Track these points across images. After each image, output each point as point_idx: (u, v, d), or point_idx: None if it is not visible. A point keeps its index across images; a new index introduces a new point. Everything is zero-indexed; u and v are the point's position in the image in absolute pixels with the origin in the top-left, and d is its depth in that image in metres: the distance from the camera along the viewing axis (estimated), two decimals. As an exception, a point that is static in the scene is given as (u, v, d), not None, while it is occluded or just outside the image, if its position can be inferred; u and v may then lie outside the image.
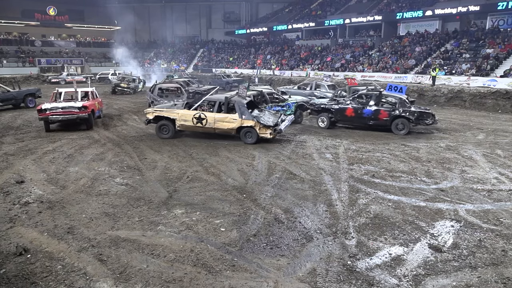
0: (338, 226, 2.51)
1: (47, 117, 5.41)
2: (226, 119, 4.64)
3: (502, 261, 2.08)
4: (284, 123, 4.84)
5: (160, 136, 5.07)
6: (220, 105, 4.76)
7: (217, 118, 4.67)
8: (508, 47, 10.70)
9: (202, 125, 4.74)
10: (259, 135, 4.57)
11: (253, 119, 4.54)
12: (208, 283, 1.89)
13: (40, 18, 20.05)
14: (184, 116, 4.87)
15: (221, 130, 4.73)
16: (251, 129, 4.59)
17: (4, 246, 2.26)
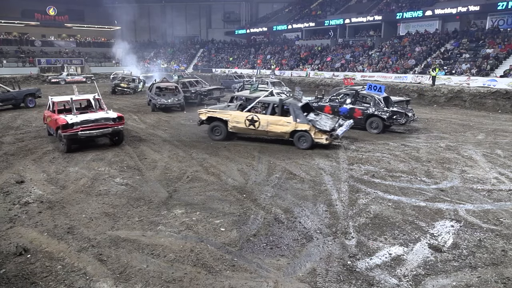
0: (338, 226, 2.51)
1: (75, 134, 4.16)
2: (280, 122, 4.43)
3: (502, 261, 2.09)
4: (342, 128, 4.51)
5: (212, 137, 4.87)
6: (274, 107, 4.56)
7: (270, 121, 4.46)
8: (508, 47, 10.68)
9: (254, 127, 4.55)
10: (314, 140, 4.32)
11: (308, 122, 4.32)
12: (208, 283, 1.89)
13: (40, 18, 20.02)
14: (237, 118, 4.69)
15: (274, 134, 4.53)
16: (305, 133, 4.34)
17: (4, 246, 2.26)
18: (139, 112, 7.97)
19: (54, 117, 4.51)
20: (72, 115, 4.40)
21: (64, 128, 4.18)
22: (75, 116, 4.36)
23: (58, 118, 4.33)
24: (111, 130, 4.50)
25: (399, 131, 5.81)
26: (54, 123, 4.44)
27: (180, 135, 5.58)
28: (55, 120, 4.41)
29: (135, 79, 12.65)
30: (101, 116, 4.51)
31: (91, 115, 4.53)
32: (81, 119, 4.30)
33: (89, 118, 4.40)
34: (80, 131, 4.23)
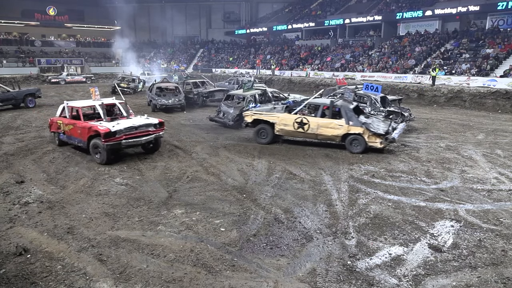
0: (338, 226, 2.51)
1: (119, 143, 3.71)
2: (331, 125, 4.26)
3: (502, 261, 2.09)
4: (397, 131, 4.27)
5: (258, 141, 4.70)
6: (324, 109, 4.43)
7: (321, 124, 4.30)
8: (508, 47, 10.67)
9: (303, 130, 4.38)
10: (368, 144, 4.13)
11: (361, 125, 4.13)
12: (208, 283, 1.89)
13: (40, 18, 20.01)
14: (285, 120, 4.51)
15: (324, 137, 4.37)
16: (358, 136, 4.15)
17: (4, 246, 2.26)
18: (139, 112, 7.81)
19: (82, 125, 3.90)
20: (112, 123, 3.85)
21: (107, 136, 3.63)
22: (117, 123, 3.83)
23: (94, 126, 3.77)
24: (153, 137, 4.00)
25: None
26: (84, 131, 3.86)
27: (180, 135, 5.57)
28: (87, 128, 3.82)
29: (135, 79, 12.61)
30: (144, 122, 4.01)
31: (132, 121, 3.97)
32: (124, 126, 3.78)
33: (133, 124, 3.87)
34: (123, 140, 3.73)
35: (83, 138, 3.97)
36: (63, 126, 4.31)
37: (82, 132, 3.98)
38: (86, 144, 3.97)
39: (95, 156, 3.89)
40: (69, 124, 4.21)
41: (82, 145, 4.08)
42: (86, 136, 3.92)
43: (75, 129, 4.10)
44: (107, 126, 3.79)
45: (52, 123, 4.62)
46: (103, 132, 3.67)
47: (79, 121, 4.10)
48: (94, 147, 3.86)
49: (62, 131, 4.35)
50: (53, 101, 10.05)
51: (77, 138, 4.13)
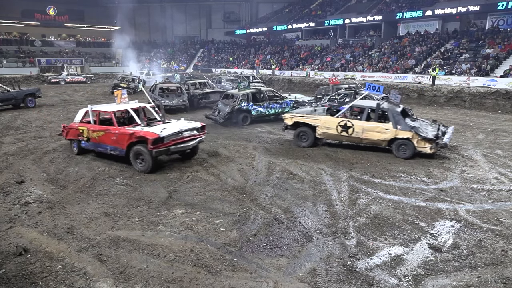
0: (338, 226, 2.51)
1: (167, 149, 3.45)
2: (377, 129, 4.08)
3: (502, 261, 2.09)
4: (447, 136, 4.02)
5: (298, 144, 4.56)
6: (370, 112, 4.27)
7: (366, 127, 4.14)
8: (508, 47, 10.67)
9: (347, 134, 4.23)
10: (417, 149, 3.91)
11: (410, 130, 3.91)
12: (208, 283, 1.89)
13: (40, 18, 20.02)
14: (327, 123, 4.38)
15: (370, 141, 4.20)
16: (407, 141, 3.93)
17: (4, 246, 2.26)
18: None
19: (121, 131, 3.55)
20: (156, 127, 3.52)
21: (155, 143, 3.33)
22: (163, 128, 3.51)
23: (137, 132, 3.44)
24: (197, 141, 3.77)
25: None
26: (124, 137, 3.50)
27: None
28: (127, 135, 3.47)
29: (135, 79, 12.60)
30: (190, 126, 3.76)
31: (179, 125, 3.69)
32: (172, 131, 3.49)
33: (180, 129, 3.60)
34: (172, 145, 3.46)
35: (121, 145, 3.58)
36: (89, 133, 3.88)
37: (119, 139, 3.59)
38: (124, 151, 3.59)
39: (138, 165, 3.53)
40: (99, 130, 3.80)
41: (117, 153, 3.67)
42: (126, 143, 3.55)
43: (108, 136, 3.69)
44: (154, 131, 3.45)
45: (69, 130, 4.18)
46: (152, 138, 3.33)
47: (113, 127, 3.69)
48: (136, 154, 3.50)
49: (85, 138, 3.93)
50: (53, 101, 10.05)
51: (111, 146, 3.71)
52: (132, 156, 3.58)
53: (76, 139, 4.17)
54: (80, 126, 4.06)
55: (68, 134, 4.27)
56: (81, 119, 4.20)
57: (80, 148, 4.18)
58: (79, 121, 4.22)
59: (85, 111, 4.19)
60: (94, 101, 10.18)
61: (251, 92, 6.44)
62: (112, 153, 3.78)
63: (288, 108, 6.61)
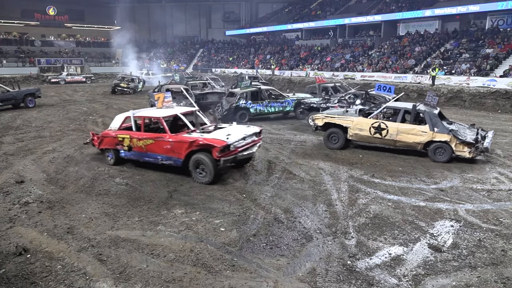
0: (338, 226, 2.52)
1: (234, 157, 3.18)
2: (413, 131, 3.91)
3: (502, 260, 2.09)
4: (487, 140, 3.85)
5: (328, 146, 4.47)
6: (404, 114, 4.08)
7: (401, 129, 3.98)
8: (507, 47, 10.68)
9: (381, 136, 4.08)
10: (455, 153, 3.76)
11: (448, 133, 3.76)
12: (208, 283, 1.89)
13: (40, 18, 20.04)
14: (360, 125, 4.23)
15: (404, 144, 4.02)
16: (444, 144, 3.78)
17: (4, 246, 2.26)
18: (139, 112, 8.01)
19: (178, 138, 3.19)
20: (217, 133, 3.21)
21: (224, 151, 3.02)
22: (227, 134, 3.18)
23: (200, 139, 3.09)
24: (257, 147, 3.52)
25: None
26: (182, 146, 3.14)
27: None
28: (187, 142, 3.12)
29: (135, 78, 12.57)
30: (252, 131, 3.44)
31: (240, 131, 3.36)
32: (238, 137, 3.19)
33: (244, 134, 3.30)
34: (238, 153, 3.17)
35: (178, 154, 3.20)
36: (133, 141, 3.45)
37: (176, 147, 3.21)
38: (181, 161, 3.21)
39: (198, 175, 3.17)
40: (147, 138, 3.39)
41: (171, 162, 3.30)
42: (184, 151, 3.17)
43: (160, 144, 3.29)
44: (219, 138, 3.11)
45: (103, 138, 3.74)
46: (220, 146, 2.98)
47: (167, 134, 3.28)
48: (197, 164, 3.13)
49: (126, 147, 3.51)
50: (53, 101, 10.04)
51: (163, 155, 3.31)
52: (192, 166, 3.18)
53: (113, 148, 3.69)
54: (120, 134, 3.58)
55: (102, 143, 3.78)
56: (120, 126, 3.70)
57: (118, 158, 3.68)
58: (117, 128, 3.71)
59: (125, 116, 3.74)
60: (94, 101, 10.17)
61: (250, 90, 6.45)
62: (165, 163, 3.34)
63: (289, 107, 6.54)
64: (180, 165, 3.28)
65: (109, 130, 3.82)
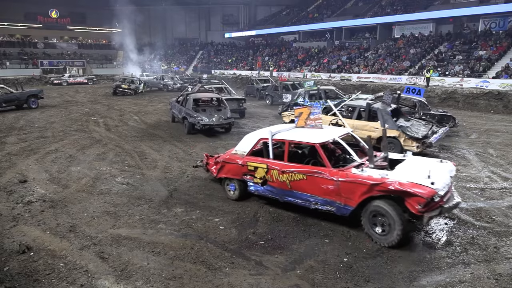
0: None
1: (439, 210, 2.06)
2: (366, 127, 4.13)
3: (494, 257, 2.13)
4: (436, 135, 4.02)
5: None
6: (360, 111, 4.30)
7: (356, 126, 4.15)
8: (500, 49, 10.81)
9: None
10: (403, 148, 3.88)
11: (397, 129, 3.96)
12: (208, 280, 1.92)
13: (42, 20, 20.19)
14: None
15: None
16: (394, 140, 3.96)
17: (7, 244, 2.29)
18: (139, 113, 7.99)
19: (350, 177, 2.12)
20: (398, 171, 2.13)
21: (429, 203, 1.95)
22: (428, 176, 2.01)
23: (389, 181, 1.99)
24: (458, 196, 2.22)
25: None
26: (358, 189, 2.10)
27: (180, 135, 5.59)
28: (367, 185, 2.05)
29: (136, 80, 12.66)
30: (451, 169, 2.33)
31: (438, 170, 2.20)
32: (445, 182, 2.13)
33: (449, 175, 2.24)
34: (444, 204, 2.07)
35: (348, 199, 2.20)
36: (273, 173, 2.47)
37: (345, 189, 2.19)
38: (351, 210, 2.20)
39: (374, 232, 2.13)
40: (295, 171, 2.37)
41: (331, 209, 2.30)
42: (358, 197, 2.16)
43: (316, 182, 2.28)
44: (419, 181, 2.03)
45: (225, 164, 2.80)
46: (426, 196, 1.94)
47: (326, 169, 2.25)
48: (375, 215, 2.12)
49: (259, 179, 2.52)
50: (55, 102, 10.06)
51: (320, 198, 2.31)
52: (367, 219, 2.17)
53: (238, 179, 2.73)
54: (251, 162, 2.59)
55: (222, 170, 2.82)
56: (251, 150, 2.66)
57: (245, 191, 2.73)
58: (246, 153, 2.69)
59: (259, 138, 2.66)
60: (96, 102, 10.20)
61: (309, 90, 6.45)
62: (320, 208, 2.33)
63: None
64: (346, 215, 2.26)
65: (234, 153, 2.81)
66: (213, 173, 3.03)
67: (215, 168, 2.98)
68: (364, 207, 2.20)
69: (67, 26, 21.32)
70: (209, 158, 3.13)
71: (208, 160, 3.11)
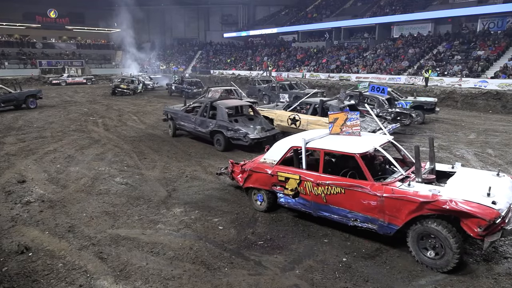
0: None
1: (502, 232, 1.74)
2: (319, 122, 4.51)
3: (493, 257, 2.15)
4: (382, 131, 3.36)
5: None
6: (315, 107, 4.71)
7: (310, 121, 4.60)
8: (498, 49, 10.85)
9: (295, 126, 4.71)
10: None
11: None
12: (207, 280, 1.92)
13: (41, 20, 20.15)
14: (281, 117, 4.91)
15: None
16: None
17: (6, 245, 2.29)
18: (138, 113, 8.00)
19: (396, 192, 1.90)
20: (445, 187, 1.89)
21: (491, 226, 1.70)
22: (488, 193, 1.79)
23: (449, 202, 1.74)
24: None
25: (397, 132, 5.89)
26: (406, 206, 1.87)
27: (180, 135, 5.62)
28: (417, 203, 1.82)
29: (135, 80, 12.66)
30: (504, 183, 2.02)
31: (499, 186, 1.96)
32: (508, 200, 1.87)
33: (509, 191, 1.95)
34: (506, 226, 1.79)
35: (392, 217, 1.98)
36: (306, 185, 2.27)
37: (389, 206, 1.97)
38: (396, 229, 1.98)
39: (424, 256, 1.89)
40: (334, 184, 2.16)
41: (372, 227, 2.08)
42: (406, 215, 1.93)
43: (356, 196, 2.09)
44: (478, 201, 1.79)
45: (253, 173, 2.57)
46: (488, 218, 1.71)
47: (368, 182, 2.04)
48: (420, 236, 1.89)
49: (290, 191, 2.33)
50: (54, 102, 10.05)
51: (358, 214, 2.10)
52: (414, 241, 1.92)
53: (266, 190, 2.51)
54: (282, 172, 2.36)
55: (249, 179, 2.60)
56: (281, 159, 2.42)
57: (274, 203, 2.51)
58: (275, 162, 2.45)
59: (290, 146, 2.42)
60: (94, 102, 10.18)
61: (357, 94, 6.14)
62: (359, 225, 2.12)
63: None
64: (390, 234, 2.02)
65: (262, 162, 2.56)
66: (239, 182, 2.76)
67: (241, 177, 2.71)
68: (410, 226, 1.92)
69: (66, 26, 21.30)
70: (235, 165, 2.85)
71: (233, 167, 2.85)
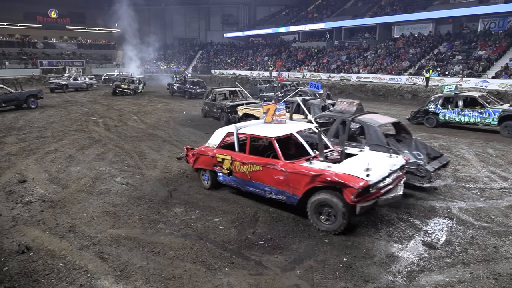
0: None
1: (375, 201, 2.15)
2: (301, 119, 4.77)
3: (494, 257, 2.14)
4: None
5: None
6: (298, 106, 4.79)
7: (294, 118, 4.65)
8: (499, 49, 10.84)
9: None
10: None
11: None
12: (207, 280, 1.92)
13: (42, 20, 20.25)
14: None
15: None
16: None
17: (7, 244, 2.29)
18: (139, 113, 8.01)
19: (296, 169, 2.27)
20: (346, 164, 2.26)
21: (361, 194, 2.06)
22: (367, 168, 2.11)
23: (328, 173, 2.14)
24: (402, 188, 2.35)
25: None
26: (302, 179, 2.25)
27: (180, 135, 5.62)
28: (309, 176, 2.21)
29: (135, 80, 12.67)
30: (397, 164, 2.39)
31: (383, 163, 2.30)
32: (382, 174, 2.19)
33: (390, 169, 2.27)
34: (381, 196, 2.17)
35: (295, 190, 2.34)
36: (236, 164, 2.66)
37: (292, 180, 2.34)
38: (297, 199, 2.35)
39: (319, 221, 2.25)
40: (254, 163, 2.54)
41: (283, 199, 2.45)
42: (304, 187, 2.29)
43: (270, 173, 2.45)
44: (355, 173, 2.12)
45: (199, 156, 3.00)
46: (357, 187, 2.03)
47: (280, 161, 2.40)
48: (319, 206, 2.23)
49: (225, 170, 2.74)
50: (54, 102, 10.09)
51: (273, 188, 2.47)
52: (312, 209, 2.28)
53: (209, 169, 2.94)
54: (219, 154, 2.81)
55: (197, 162, 3.05)
56: (220, 143, 2.90)
57: (215, 181, 2.95)
58: (216, 146, 2.93)
59: (226, 132, 2.90)
60: (95, 102, 10.21)
61: (444, 96, 5.77)
62: (274, 197, 2.50)
63: (490, 119, 5.31)
64: (294, 204, 2.40)
65: (207, 146, 3.05)
66: (190, 164, 3.29)
67: (192, 160, 3.25)
68: (310, 197, 2.37)
69: (67, 26, 21.42)
70: (189, 150, 3.37)
71: (187, 152, 3.36)
